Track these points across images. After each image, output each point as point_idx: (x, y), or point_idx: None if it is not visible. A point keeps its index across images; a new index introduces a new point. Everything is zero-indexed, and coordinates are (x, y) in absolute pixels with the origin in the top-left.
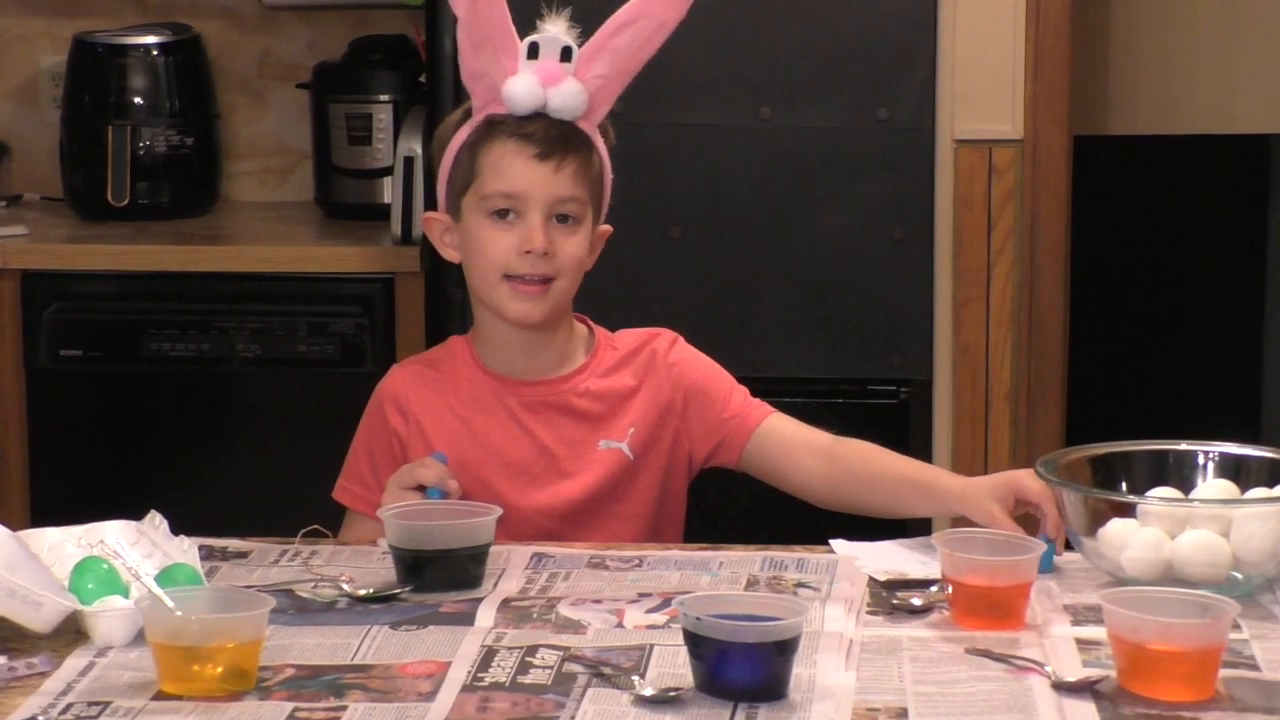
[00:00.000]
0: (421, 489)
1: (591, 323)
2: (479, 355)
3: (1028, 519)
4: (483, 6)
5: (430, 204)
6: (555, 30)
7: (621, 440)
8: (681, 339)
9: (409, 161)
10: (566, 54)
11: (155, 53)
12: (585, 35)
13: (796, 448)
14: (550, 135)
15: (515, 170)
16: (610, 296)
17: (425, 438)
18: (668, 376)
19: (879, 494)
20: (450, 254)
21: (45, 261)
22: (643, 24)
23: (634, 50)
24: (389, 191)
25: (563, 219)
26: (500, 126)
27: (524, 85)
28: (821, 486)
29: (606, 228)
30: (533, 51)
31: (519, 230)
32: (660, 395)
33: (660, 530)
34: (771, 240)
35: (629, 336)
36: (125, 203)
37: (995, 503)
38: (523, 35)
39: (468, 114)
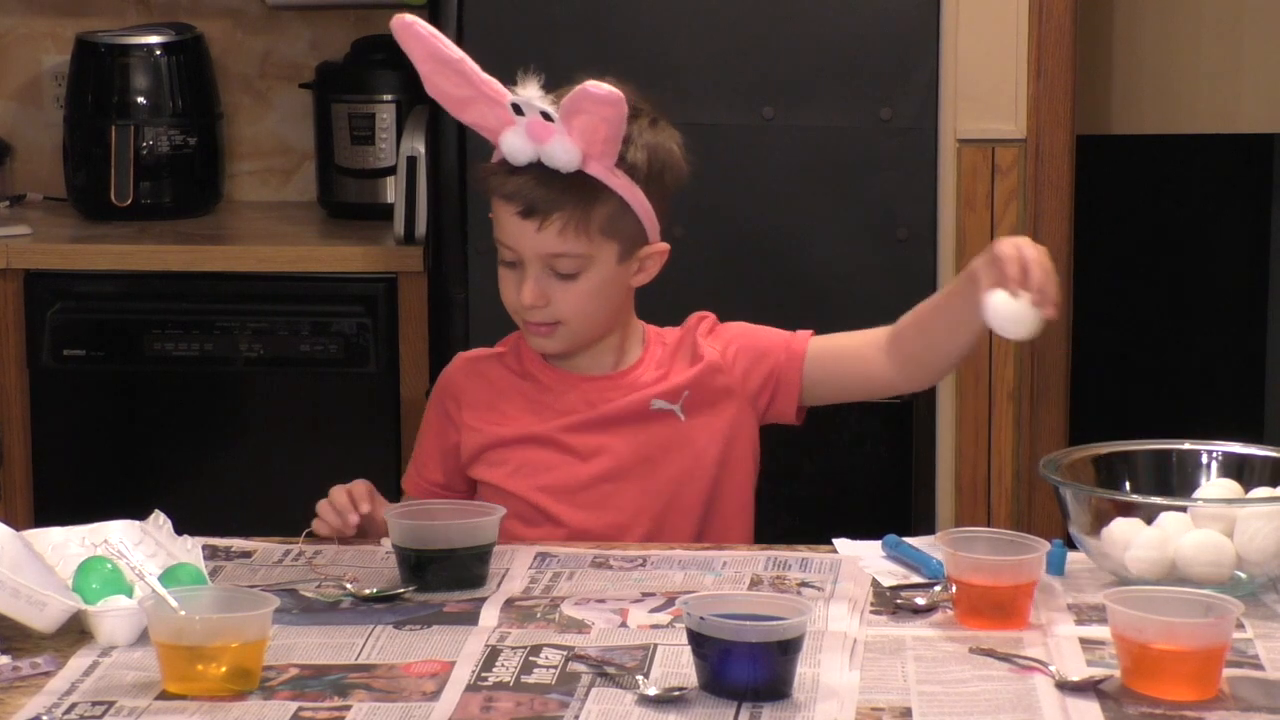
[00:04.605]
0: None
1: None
2: None
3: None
4: (441, 80)
5: (434, 203)
6: (529, 94)
7: (674, 403)
8: (714, 317)
9: (412, 161)
10: (546, 116)
11: (158, 53)
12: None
13: (857, 350)
14: (533, 195)
15: (505, 226)
16: None
17: (464, 423)
18: (717, 347)
19: (934, 333)
20: None
21: (48, 261)
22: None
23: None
24: (392, 191)
25: (560, 274)
26: (490, 180)
27: (517, 142)
28: (896, 372)
29: (660, 246)
30: (517, 109)
31: (522, 280)
32: (712, 363)
33: (722, 502)
34: (774, 240)
35: (671, 331)
36: (128, 202)
37: (985, 262)
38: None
39: None
